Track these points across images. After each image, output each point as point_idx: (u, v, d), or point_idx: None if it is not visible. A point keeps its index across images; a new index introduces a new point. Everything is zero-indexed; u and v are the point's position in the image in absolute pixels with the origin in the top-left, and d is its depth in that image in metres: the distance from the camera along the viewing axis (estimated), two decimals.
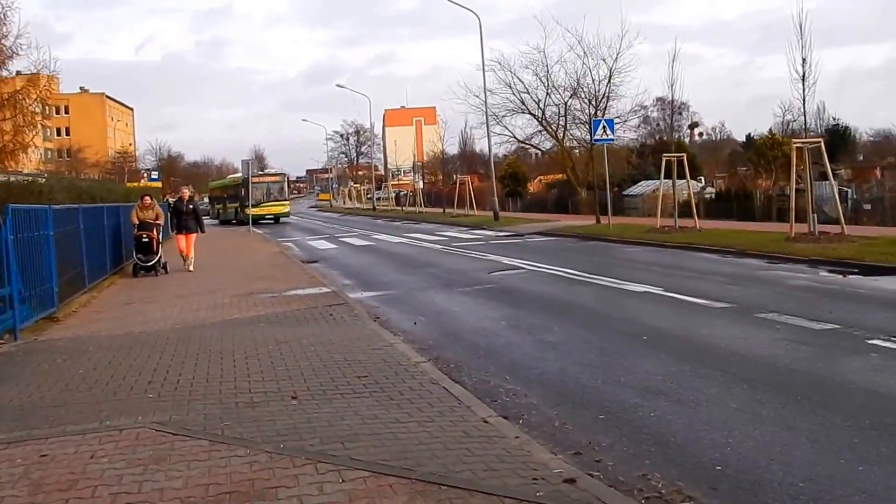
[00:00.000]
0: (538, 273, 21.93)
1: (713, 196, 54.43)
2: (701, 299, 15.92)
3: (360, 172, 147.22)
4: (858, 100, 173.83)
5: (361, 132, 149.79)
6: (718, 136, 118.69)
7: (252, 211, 61.84)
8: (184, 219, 26.78)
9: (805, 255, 22.09)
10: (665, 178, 33.66)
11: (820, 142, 26.99)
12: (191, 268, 26.03)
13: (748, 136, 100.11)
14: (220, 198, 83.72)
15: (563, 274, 21.29)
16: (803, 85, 27.11)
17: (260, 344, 12.70)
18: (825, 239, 25.06)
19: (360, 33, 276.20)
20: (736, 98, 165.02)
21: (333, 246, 37.96)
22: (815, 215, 26.26)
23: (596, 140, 37.51)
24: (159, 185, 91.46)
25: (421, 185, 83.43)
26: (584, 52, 57.53)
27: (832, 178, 27.00)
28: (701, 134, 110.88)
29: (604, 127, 36.09)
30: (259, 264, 27.30)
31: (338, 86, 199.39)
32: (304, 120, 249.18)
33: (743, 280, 19.09)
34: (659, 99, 79.04)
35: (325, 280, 21.92)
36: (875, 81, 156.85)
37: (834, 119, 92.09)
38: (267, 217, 70.06)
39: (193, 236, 27.01)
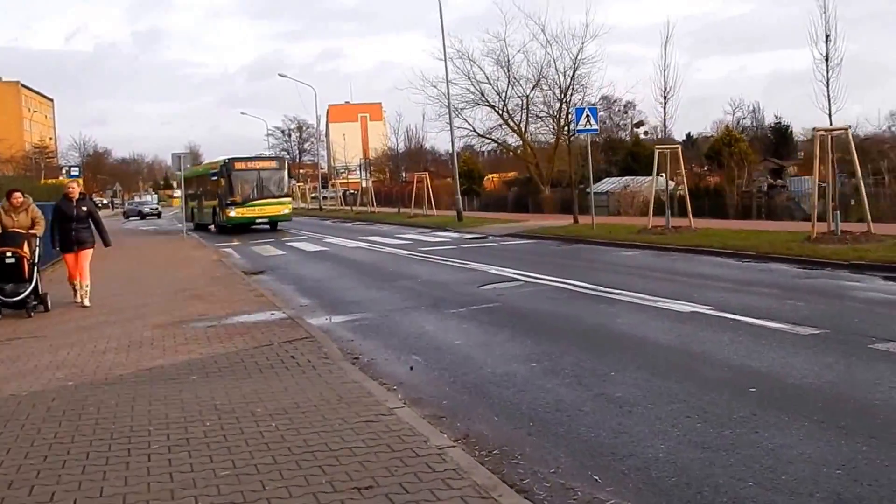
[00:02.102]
0: (540, 286, 17.91)
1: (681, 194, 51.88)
2: (773, 322, 12.39)
3: (302, 170, 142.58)
4: (788, 101, 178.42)
5: (304, 128, 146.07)
6: (660, 135, 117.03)
7: (237, 213, 47.47)
8: (71, 228, 17.95)
9: (842, 259, 19.14)
10: (627, 175, 29.91)
11: (847, 129, 23.25)
12: (85, 301, 17.98)
13: (688, 136, 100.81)
14: (195, 194, 58.45)
15: (572, 288, 17.32)
16: None
17: (191, 418, 8.49)
18: (851, 239, 21.92)
19: (305, 27, 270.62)
20: (676, 99, 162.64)
21: (281, 252, 33.27)
22: (838, 213, 22.69)
23: (579, 130, 33.55)
24: (80, 182, 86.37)
25: (370, 183, 79.03)
26: (548, 41, 54.71)
27: (859, 172, 23.21)
28: (646, 132, 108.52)
29: (587, 116, 32.04)
30: (193, 278, 22.73)
31: (280, 75, 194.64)
32: (242, 113, 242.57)
33: (795, 292, 15.69)
34: (604, 97, 76.93)
35: (277, 299, 17.73)
36: (801, 84, 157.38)
37: (776, 117, 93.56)
38: (259, 221, 48.69)
39: (88, 253, 18.24)
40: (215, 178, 49.59)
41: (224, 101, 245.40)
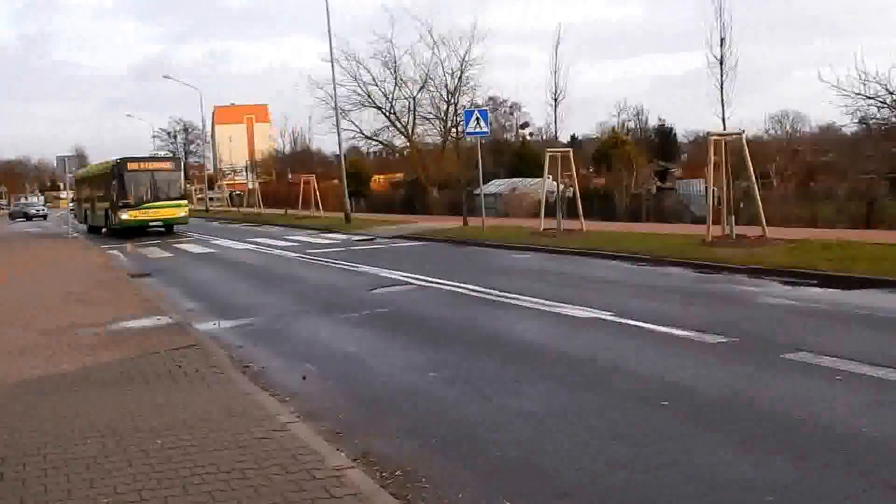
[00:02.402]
0: (433, 290, 17.59)
1: (571, 196, 52.03)
2: (678, 329, 12.00)
3: (189, 172, 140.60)
4: (671, 104, 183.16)
5: (190, 129, 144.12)
6: (546, 137, 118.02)
7: (130, 215, 44.26)
8: None
9: (739, 263, 18.75)
10: (515, 177, 29.86)
11: (742, 134, 23.33)
12: None
13: (573, 138, 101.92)
14: (88, 195, 54.68)
15: (466, 292, 17.02)
16: None
17: (72, 435, 7.99)
18: (747, 243, 21.83)
19: (191, 29, 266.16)
20: (567, 101, 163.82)
21: (167, 254, 32.47)
22: (733, 217, 22.61)
23: (468, 133, 33.23)
24: None
25: (256, 184, 77.90)
26: (435, 43, 54.61)
27: (753, 176, 23.24)
28: (531, 134, 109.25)
29: (477, 118, 31.72)
30: (79, 282, 21.92)
31: (165, 77, 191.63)
32: (128, 115, 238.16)
33: (696, 297, 15.58)
34: (491, 99, 76.97)
35: (164, 303, 17.17)
36: (682, 86, 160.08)
37: (660, 120, 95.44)
38: (153, 224, 45.67)
39: None
40: (107, 179, 46.60)
41: (111, 103, 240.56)
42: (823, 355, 9.91)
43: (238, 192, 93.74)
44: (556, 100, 30.93)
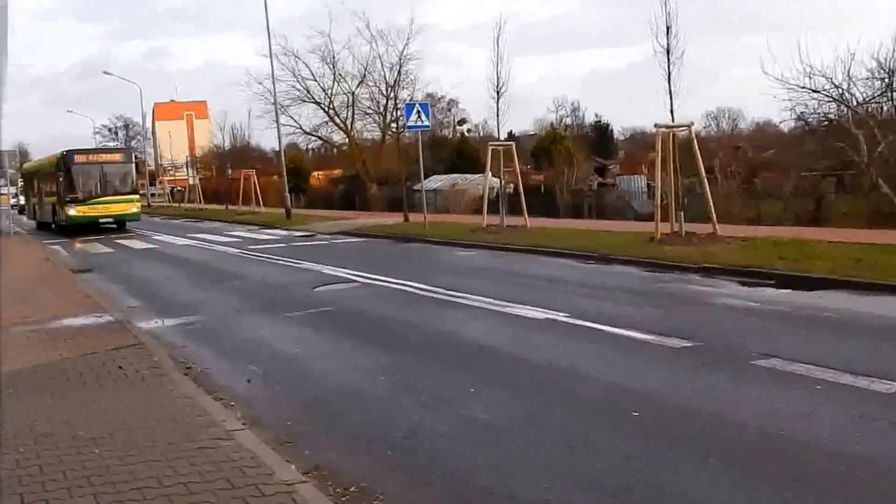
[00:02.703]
0: (378, 288, 17.25)
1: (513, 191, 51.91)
2: (638, 332, 11.61)
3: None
4: (606, 100, 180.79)
5: (131, 126, 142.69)
6: (482, 133, 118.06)
7: (78, 211, 41.41)
8: None
9: (691, 262, 18.30)
10: (453, 173, 29.53)
11: (690, 126, 23.06)
12: None
13: (510, 134, 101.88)
14: (36, 190, 52.13)
15: (412, 290, 16.69)
16: None
17: (6, 444, 7.52)
18: (697, 241, 21.34)
19: (131, 27, 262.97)
20: (508, 95, 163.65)
21: (108, 249, 31.85)
22: (682, 213, 22.27)
23: (410, 127, 32.82)
24: None
25: (197, 180, 77.04)
26: (373, 37, 54.32)
27: (703, 171, 22.88)
28: (469, 130, 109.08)
29: (418, 111, 31.30)
30: (17, 278, 21.29)
31: (105, 73, 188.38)
32: (68, 111, 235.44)
33: (651, 297, 15.20)
34: (428, 95, 76.70)
35: (105, 300, 16.68)
36: (618, 83, 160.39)
37: (597, 116, 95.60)
38: (104, 221, 42.73)
39: None
40: (53, 172, 43.49)
41: (52, 101, 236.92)
42: (796, 362, 9.50)
43: (179, 188, 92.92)
44: (498, 92, 30.68)
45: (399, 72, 54.11)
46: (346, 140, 61.66)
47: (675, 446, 7.21)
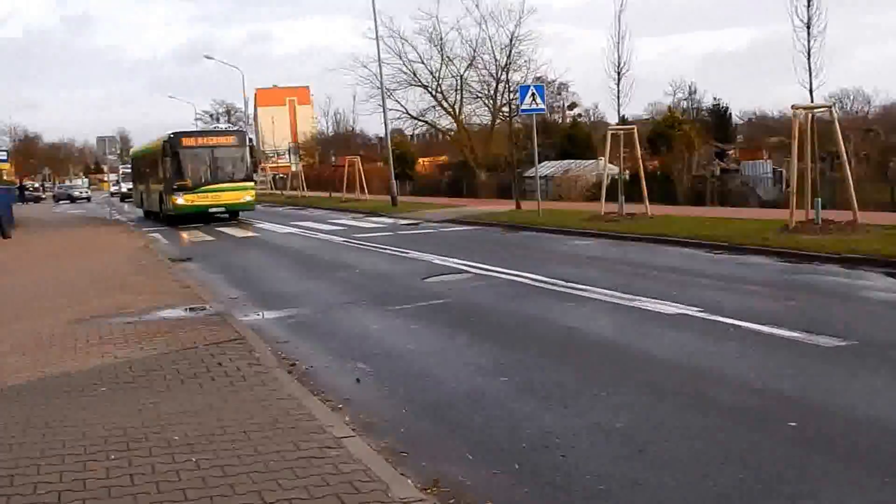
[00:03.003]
0: (492, 280, 16.34)
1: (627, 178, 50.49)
2: (782, 329, 10.57)
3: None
4: (722, 82, 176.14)
5: (233, 112, 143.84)
6: (592, 118, 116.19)
7: (186, 200, 37.68)
8: None
9: (831, 252, 16.99)
10: (564, 158, 28.27)
11: (831, 107, 21.65)
12: None
13: (623, 118, 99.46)
14: (143, 176, 48.18)
15: (529, 282, 15.73)
16: None
17: (93, 450, 6.89)
18: (835, 229, 19.94)
19: (233, 10, 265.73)
20: (606, 81, 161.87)
21: (209, 237, 31.35)
22: (819, 200, 20.89)
23: (524, 110, 31.80)
24: (6, 166, 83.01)
25: (300, 167, 76.95)
26: (483, 18, 53.33)
27: (844, 154, 21.37)
28: (579, 115, 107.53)
29: (533, 94, 30.28)
30: (116, 266, 20.91)
31: (207, 57, 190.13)
32: (170, 97, 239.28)
33: (791, 290, 14.04)
34: (537, 78, 75.40)
35: (205, 291, 16.12)
36: (735, 65, 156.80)
37: (715, 99, 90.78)
38: (214, 210, 38.72)
39: None
40: (160, 157, 39.72)
41: (153, 86, 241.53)
42: None
43: (281, 175, 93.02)
44: (619, 72, 29.45)
45: (509, 54, 52.92)
46: (454, 125, 60.52)
47: (847, 463, 6.28)
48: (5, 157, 63.86)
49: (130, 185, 73.35)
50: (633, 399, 8.12)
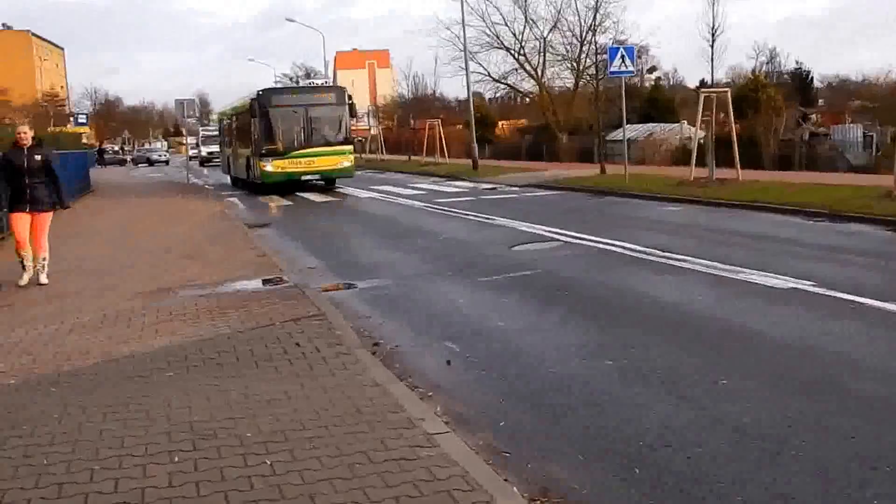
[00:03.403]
0: (582, 248, 15.44)
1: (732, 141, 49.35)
2: None
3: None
4: (802, 47, 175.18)
5: (312, 74, 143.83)
6: (671, 82, 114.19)
7: (276, 166, 33.43)
8: (24, 184, 13.74)
9: None
10: (646, 122, 27.04)
11: None
12: (42, 278, 13.98)
13: (702, 82, 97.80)
14: (230, 139, 43.83)
15: (621, 251, 14.79)
16: None
17: (156, 448, 6.16)
18: None
19: None
20: (685, 45, 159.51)
21: (287, 202, 30.67)
22: None
23: (612, 72, 30.57)
24: (86, 129, 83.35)
25: (379, 130, 76.35)
26: None
27: None
28: (659, 79, 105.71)
29: (622, 56, 29.11)
30: (189, 233, 20.32)
31: (288, 20, 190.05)
32: (250, 59, 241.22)
33: None
34: (617, 41, 73.78)
35: (282, 260, 15.41)
36: (815, 29, 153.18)
37: (797, 63, 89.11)
38: (308, 178, 34.18)
39: (45, 217, 14.05)
40: (247, 118, 35.48)
41: (233, 50, 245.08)
42: None
43: (360, 139, 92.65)
44: (713, 34, 28.26)
45: (594, 16, 51.63)
46: (536, 88, 59.43)
47: None
48: (85, 121, 63.64)
49: (210, 149, 73.31)
50: (757, 389, 7.19)
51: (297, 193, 33.39)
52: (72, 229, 20.14)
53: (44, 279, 13.95)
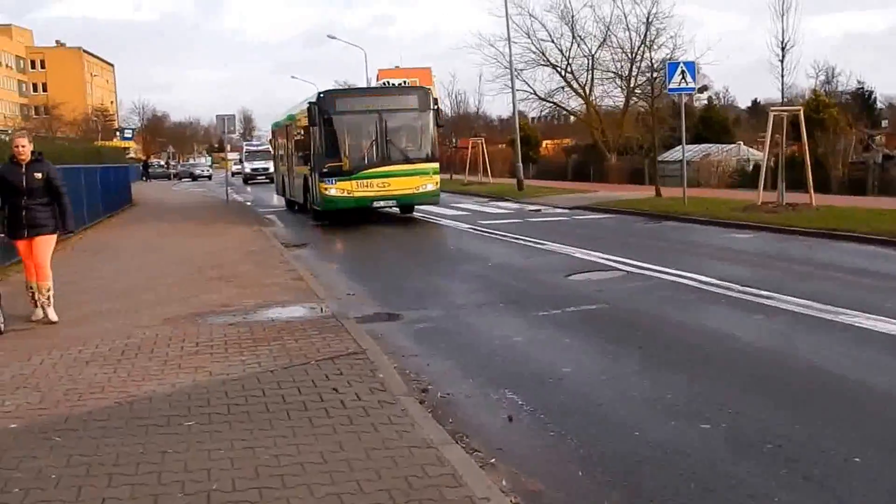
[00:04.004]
0: (648, 280, 14.10)
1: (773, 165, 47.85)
2: None
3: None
4: (859, 66, 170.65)
5: None
6: (722, 101, 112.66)
7: (340, 189, 26.09)
8: (21, 205, 11.69)
9: None
10: (699, 143, 25.64)
11: None
12: (49, 313, 11.86)
13: (755, 101, 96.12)
14: (284, 154, 36.86)
15: (693, 283, 13.42)
16: None
17: None
18: None
19: None
20: (735, 63, 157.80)
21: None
22: None
23: (672, 89, 29.06)
24: (132, 143, 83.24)
25: None
26: None
27: None
28: (710, 98, 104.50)
29: (682, 72, 27.69)
30: (224, 252, 19.20)
31: (329, 37, 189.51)
32: (293, 77, 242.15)
33: None
34: (667, 59, 72.37)
35: (319, 285, 14.21)
36: (874, 48, 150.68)
37: (859, 82, 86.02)
38: (379, 204, 27.28)
39: (46, 241, 11.95)
40: (305, 127, 28.47)
41: (277, 68, 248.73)
42: None
43: None
44: (783, 47, 26.77)
45: (646, 33, 50.31)
46: (583, 106, 58.14)
47: None
48: (130, 135, 63.41)
49: (255, 165, 72.16)
50: (888, 463, 5.92)
51: None
52: (105, 244, 19.12)
53: (52, 315, 11.83)
